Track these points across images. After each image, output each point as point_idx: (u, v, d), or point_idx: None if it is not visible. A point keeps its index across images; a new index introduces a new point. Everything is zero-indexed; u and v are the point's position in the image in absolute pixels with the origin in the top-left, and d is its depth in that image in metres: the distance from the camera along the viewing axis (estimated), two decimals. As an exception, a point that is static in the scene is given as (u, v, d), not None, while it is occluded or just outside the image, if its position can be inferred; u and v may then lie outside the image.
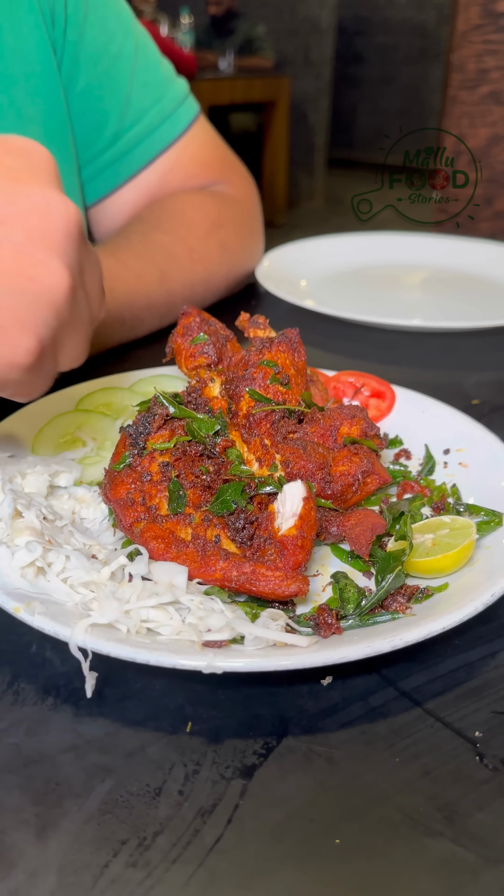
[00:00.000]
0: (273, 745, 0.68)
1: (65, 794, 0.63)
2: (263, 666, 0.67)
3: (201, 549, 0.79)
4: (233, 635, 0.71)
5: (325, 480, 0.87)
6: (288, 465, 0.87)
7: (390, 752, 0.68)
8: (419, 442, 1.08)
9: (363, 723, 0.70)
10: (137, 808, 0.62)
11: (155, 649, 0.68)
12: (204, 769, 0.66)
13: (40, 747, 0.68)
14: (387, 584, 0.76)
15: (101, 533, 0.90)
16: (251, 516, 0.82)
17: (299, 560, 0.76)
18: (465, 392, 1.31)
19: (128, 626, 0.71)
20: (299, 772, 0.66)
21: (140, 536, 0.81)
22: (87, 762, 0.66)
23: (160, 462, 0.87)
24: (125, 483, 0.86)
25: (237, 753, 0.67)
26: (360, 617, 0.76)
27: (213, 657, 0.67)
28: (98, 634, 0.69)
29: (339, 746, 0.68)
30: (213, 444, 0.90)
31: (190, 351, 1.03)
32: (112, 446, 1.04)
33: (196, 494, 0.85)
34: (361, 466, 0.88)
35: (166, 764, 0.66)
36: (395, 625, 0.73)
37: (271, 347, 0.96)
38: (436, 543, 0.82)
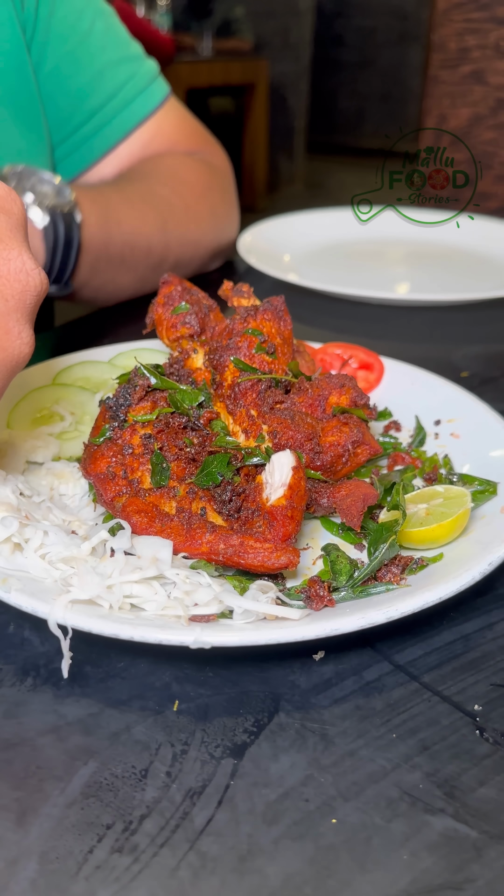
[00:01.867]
0: (264, 723, 0.65)
1: (46, 778, 0.60)
2: (254, 640, 0.64)
3: (186, 523, 0.76)
4: (221, 609, 0.68)
5: (314, 451, 0.84)
6: (275, 436, 0.84)
7: (386, 728, 0.65)
8: (409, 413, 1.05)
9: (358, 698, 0.67)
10: (123, 790, 0.59)
11: (139, 625, 0.65)
12: (192, 749, 0.63)
13: (19, 730, 0.64)
14: (380, 554, 0.73)
15: (81, 509, 0.87)
16: (238, 488, 0.79)
17: (289, 531, 0.73)
18: (455, 365, 1.28)
19: (110, 602, 0.68)
20: (292, 750, 0.63)
21: (122, 511, 0.78)
22: (69, 744, 0.63)
23: (142, 434, 0.84)
24: (105, 457, 0.82)
25: (227, 732, 0.64)
26: (353, 589, 0.73)
27: (200, 632, 0.64)
28: (78, 611, 0.66)
29: (333, 723, 0.65)
30: (198, 416, 0.86)
31: (171, 321, 0.99)
32: (91, 421, 1.01)
33: (180, 467, 0.82)
34: (351, 436, 0.85)
35: (153, 744, 0.63)
36: (390, 596, 0.70)
37: (256, 315, 0.92)
38: (430, 513, 0.80)
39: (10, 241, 0.69)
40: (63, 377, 1.11)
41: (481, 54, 4.12)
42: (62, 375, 1.11)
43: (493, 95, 4.16)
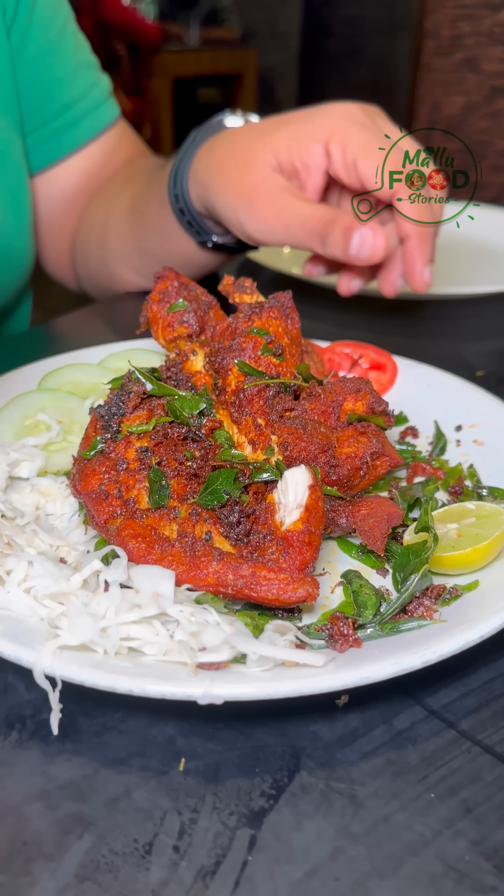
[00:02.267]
0: (284, 784, 0.57)
1: (34, 857, 0.52)
2: (273, 692, 0.55)
3: (190, 549, 0.67)
4: (233, 655, 0.60)
5: (329, 464, 0.75)
6: (286, 448, 0.75)
7: (423, 787, 0.57)
8: (426, 418, 0.97)
9: (389, 751, 0.59)
10: (124, 871, 0.51)
11: (139, 675, 0.56)
12: (203, 817, 0.54)
13: (2, 797, 0.56)
14: (412, 585, 0.65)
15: (71, 531, 0.78)
16: (247, 508, 0.70)
17: (307, 559, 0.65)
18: (468, 363, 1.20)
19: (105, 647, 0.59)
20: (318, 816, 0.55)
21: (117, 535, 0.69)
22: (61, 813, 0.55)
23: (138, 447, 0.76)
24: (97, 473, 0.74)
25: (241, 796, 0.56)
26: (382, 626, 0.65)
27: (210, 683, 0.55)
28: (69, 659, 0.57)
29: (362, 782, 0.57)
30: (199, 426, 0.78)
31: (167, 320, 0.91)
32: (80, 430, 0.92)
33: (181, 484, 0.73)
34: (370, 447, 0.77)
35: (157, 812, 0.55)
36: (424, 634, 0.62)
37: (261, 313, 0.84)
38: (462, 534, 0.72)
39: None
40: (49, 381, 1.02)
41: (475, 41, 4.03)
42: (48, 379, 1.02)
43: (488, 83, 4.07)
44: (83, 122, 1.44)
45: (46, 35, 1.36)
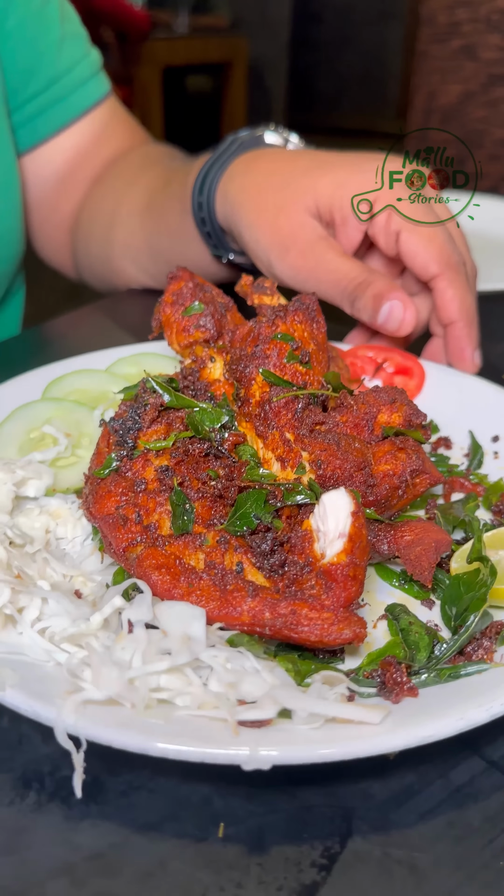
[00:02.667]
0: (336, 852, 0.51)
1: None
2: (327, 756, 0.50)
3: (220, 583, 0.61)
4: (278, 710, 0.53)
5: (366, 484, 0.69)
6: (319, 466, 0.69)
7: (490, 853, 0.51)
8: (459, 427, 0.91)
9: (449, 810, 0.54)
10: None
11: (174, 735, 0.50)
12: (247, 893, 0.49)
13: (21, 872, 0.50)
14: (471, 626, 0.60)
15: (85, 558, 0.72)
16: (280, 536, 0.64)
17: (352, 595, 0.59)
18: (493, 364, 1.14)
19: (133, 701, 0.53)
20: (376, 891, 0.49)
21: (138, 566, 0.63)
22: (88, 891, 0.49)
23: (157, 466, 0.69)
24: (113, 494, 0.68)
25: (290, 867, 0.50)
26: (439, 672, 0.58)
27: (255, 745, 0.49)
28: (94, 717, 0.51)
29: (422, 848, 0.51)
30: (221, 441, 0.71)
31: (182, 324, 0.85)
32: (91, 444, 0.85)
33: (205, 507, 0.67)
34: (410, 464, 0.71)
35: (196, 888, 0.49)
36: (486, 681, 0.56)
37: (286, 317, 0.78)
38: None
39: None
40: (53, 390, 0.95)
41: (472, 28, 3.96)
42: (52, 388, 0.95)
43: (485, 71, 4.01)
44: (71, 98, 1.38)
45: (29, 6, 1.30)
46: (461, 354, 0.99)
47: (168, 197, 1.24)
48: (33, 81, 1.32)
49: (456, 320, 0.98)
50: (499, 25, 3.91)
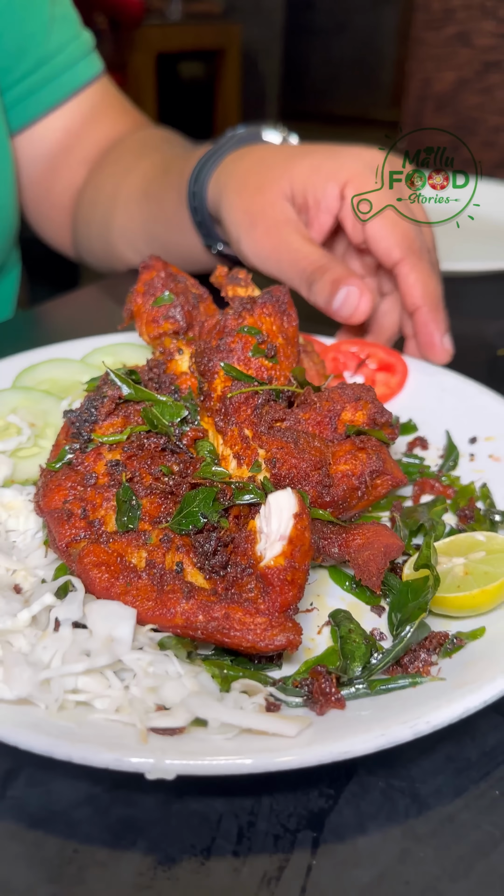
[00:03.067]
0: (342, 783, 0.54)
1: (87, 865, 0.49)
2: (232, 769, 0.49)
3: (158, 582, 0.60)
4: (190, 719, 0.52)
5: (322, 484, 0.67)
6: (274, 465, 0.68)
7: (487, 783, 0.55)
8: (438, 427, 0.89)
9: (447, 746, 0.57)
10: (183, 878, 0.49)
11: (80, 741, 0.49)
12: (261, 820, 0.52)
13: (48, 801, 0.53)
14: (406, 637, 0.58)
15: (32, 551, 0.70)
16: (225, 536, 0.62)
17: (288, 600, 0.57)
18: (489, 342, 1.17)
19: (46, 703, 0.53)
20: (381, 816, 0.52)
21: (78, 562, 0.62)
22: (111, 818, 0.52)
23: (108, 460, 0.68)
24: (62, 488, 0.66)
25: (299, 796, 0.53)
26: (370, 683, 0.57)
27: (162, 753, 0.49)
28: (3, 716, 0.51)
29: (423, 779, 0.55)
30: (180, 435, 0.70)
31: (152, 314, 0.83)
32: (55, 434, 0.83)
33: (154, 504, 0.65)
34: (369, 465, 0.69)
35: (212, 816, 0.52)
36: (418, 695, 0.55)
37: (253, 310, 0.76)
38: (469, 572, 0.65)
39: None
40: (25, 378, 0.93)
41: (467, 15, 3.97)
42: (24, 376, 0.93)
43: (480, 58, 4.02)
44: (61, 78, 1.39)
45: None
46: (430, 340, 0.97)
47: (165, 186, 1.25)
48: (23, 62, 1.34)
49: (420, 305, 0.97)
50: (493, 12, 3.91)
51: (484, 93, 4.13)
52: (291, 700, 0.56)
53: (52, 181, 1.47)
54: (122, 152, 1.41)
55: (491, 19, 3.97)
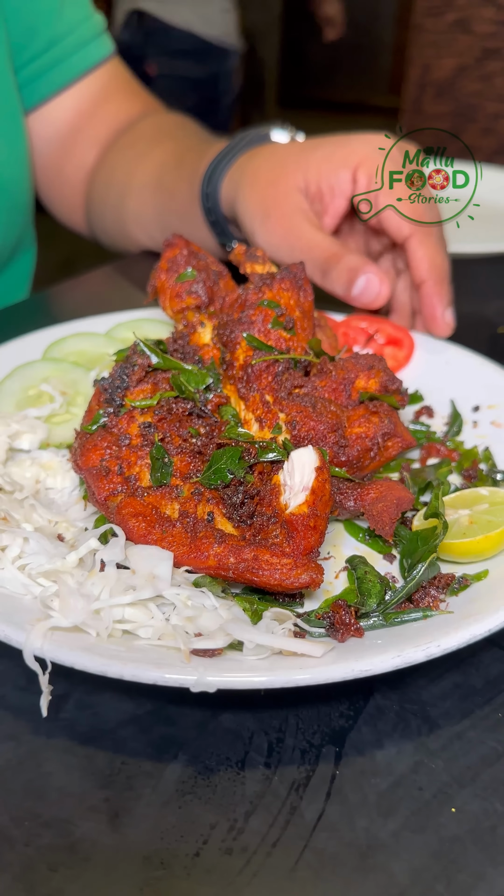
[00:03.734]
0: (361, 706, 0.60)
1: (134, 775, 0.55)
2: (267, 683, 0.55)
3: (191, 530, 0.65)
4: (228, 642, 0.58)
5: (338, 445, 0.73)
6: (294, 427, 0.73)
7: (491, 707, 0.61)
8: (443, 397, 0.94)
9: (455, 676, 0.63)
10: (221, 785, 0.54)
11: (130, 660, 0.55)
12: (289, 736, 0.58)
13: (95, 721, 0.59)
14: (418, 575, 0.64)
15: (70, 506, 0.76)
16: (251, 489, 0.68)
17: (311, 543, 0.63)
18: (489, 320, 1.22)
19: (97, 630, 0.58)
20: (395, 734, 0.58)
21: (117, 513, 0.67)
22: (154, 735, 0.58)
23: (141, 423, 0.73)
24: (99, 448, 0.72)
25: (322, 717, 0.59)
26: (385, 615, 0.63)
27: (204, 671, 0.54)
28: (60, 641, 0.56)
29: (433, 703, 0.61)
30: (205, 401, 0.76)
31: (175, 290, 0.88)
32: (85, 402, 0.89)
33: (184, 462, 0.71)
34: (381, 428, 0.75)
35: (244, 733, 0.58)
36: (428, 625, 0.61)
37: (272, 285, 0.81)
38: (473, 521, 0.70)
39: None
40: (53, 351, 0.99)
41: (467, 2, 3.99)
42: (53, 349, 0.99)
43: (479, 45, 4.04)
44: (72, 58, 1.42)
45: None
46: (432, 313, 1.02)
47: (179, 178, 1.29)
48: (34, 42, 1.37)
49: (426, 279, 1.01)
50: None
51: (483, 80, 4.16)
52: (315, 630, 0.62)
53: (64, 161, 1.51)
54: (137, 137, 1.44)
55: (491, 6, 3.99)
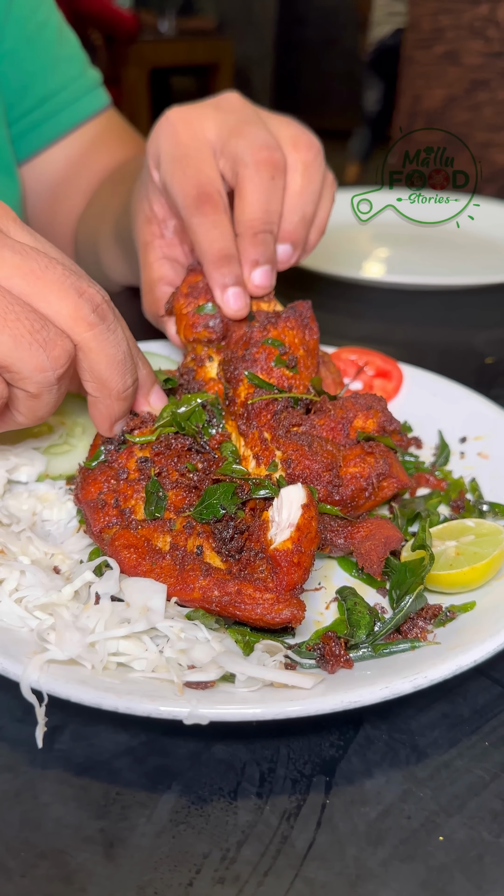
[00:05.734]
0: (350, 736, 0.62)
1: (129, 805, 0.56)
2: (259, 715, 0.56)
3: (179, 563, 0.66)
4: (221, 674, 0.59)
5: (332, 484, 0.74)
6: (289, 465, 0.74)
7: (478, 736, 0.62)
8: (431, 428, 0.95)
9: (442, 706, 0.64)
10: (214, 815, 0.56)
11: (125, 693, 0.56)
12: (280, 767, 0.59)
13: (91, 752, 0.60)
14: (405, 606, 0.65)
15: (66, 538, 0.77)
16: (241, 524, 0.69)
17: (294, 580, 0.63)
18: (477, 350, 1.25)
19: (92, 663, 0.59)
20: (384, 764, 0.60)
21: (110, 545, 0.69)
22: (148, 766, 0.59)
23: (139, 457, 0.75)
24: (98, 482, 0.74)
25: (313, 747, 0.61)
26: (374, 646, 0.64)
27: (196, 703, 0.56)
28: (56, 674, 0.57)
29: (421, 733, 0.62)
30: (204, 437, 0.77)
31: (193, 320, 0.87)
32: (83, 433, 0.90)
33: (179, 496, 0.72)
34: (376, 468, 0.75)
35: (237, 764, 0.59)
36: (416, 657, 0.62)
37: (277, 323, 0.82)
38: (460, 552, 0.71)
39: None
40: None
41: (455, 34, 4.07)
42: None
43: (468, 76, 4.12)
44: (64, 113, 1.44)
45: (24, 29, 1.38)
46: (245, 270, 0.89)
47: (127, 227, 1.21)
48: (28, 97, 1.40)
49: (238, 233, 0.88)
50: (481, 31, 4.02)
51: (472, 109, 4.23)
52: (305, 662, 0.63)
53: (55, 210, 1.53)
54: (103, 189, 1.45)
55: (479, 39, 4.07)
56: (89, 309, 0.66)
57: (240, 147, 0.88)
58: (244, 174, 0.87)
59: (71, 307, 0.65)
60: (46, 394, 0.66)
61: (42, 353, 0.62)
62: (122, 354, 0.69)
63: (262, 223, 0.87)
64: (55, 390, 0.66)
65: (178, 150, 0.90)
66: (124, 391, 0.71)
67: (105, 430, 0.76)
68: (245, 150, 0.87)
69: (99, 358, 0.68)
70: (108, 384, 0.70)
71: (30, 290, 0.64)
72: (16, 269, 0.63)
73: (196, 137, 0.91)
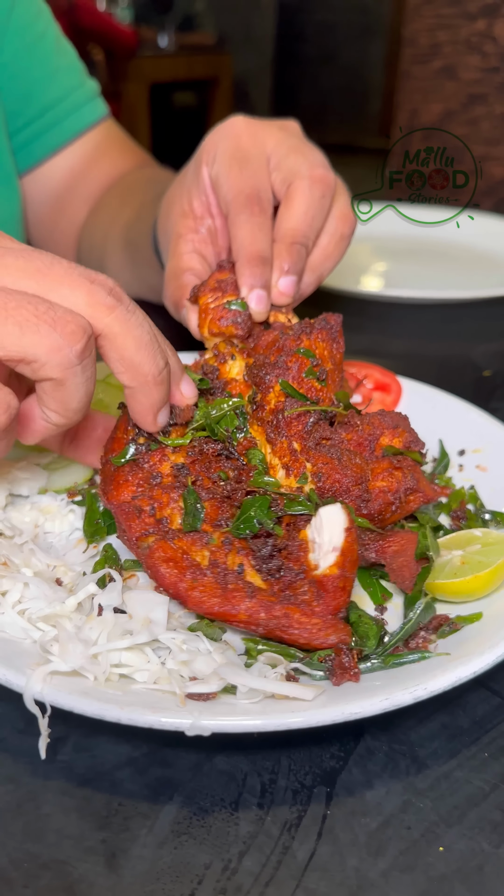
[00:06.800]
0: (351, 747, 0.62)
1: (131, 816, 0.56)
2: (260, 726, 0.56)
3: (222, 581, 0.65)
4: (222, 686, 0.59)
5: (361, 498, 0.73)
6: (320, 478, 0.73)
7: (477, 747, 0.62)
8: (430, 441, 0.93)
9: (442, 717, 0.65)
10: (215, 826, 0.56)
11: (128, 704, 0.56)
12: (281, 778, 0.59)
13: (93, 763, 0.60)
14: (415, 616, 0.65)
15: (69, 550, 0.77)
16: (279, 543, 0.68)
17: (339, 604, 0.63)
18: (475, 363, 1.26)
19: (95, 674, 0.59)
20: (385, 775, 0.60)
21: (149, 556, 0.66)
22: (150, 777, 0.59)
23: (174, 463, 0.73)
24: (130, 484, 0.71)
25: (314, 758, 0.61)
26: (384, 658, 0.64)
27: (198, 714, 0.56)
28: (59, 685, 0.58)
29: (421, 744, 0.62)
30: (233, 443, 0.76)
31: (219, 313, 0.85)
32: None
33: (213, 507, 0.70)
34: (405, 483, 0.74)
35: (238, 775, 0.60)
36: (416, 668, 0.62)
37: (310, 334, 0.81)
38: (465, 562, 0.71)
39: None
40: None
41: (452, 49, 4.11)
42: None
43: (465, 91, 4.15)
44: (65, 122, 1.46)
45: (23, 40, 1.39)
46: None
47: (140, 232, 1.27)
48: (28, 108, 1.40)
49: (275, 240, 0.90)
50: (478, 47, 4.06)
51: (470, 124, 4.26)
52: (315, 673, 0.62)
53: (58, 219, 1.54)
54: (111, 198, 1.46)
55: (476, 54, 4.11)
56: (105, 292, 0.63)
57: (298, 162, 0.92)
58: (298, 185, 0.90)
59: (85, 294, 0.62)
60: (71, 377, 0.62)
61: (53, 332, 0.59)
62: (147, 335, 0.66)
63: (303, 235, 0.89)
64: (80, 372, 0.62)
65: (238, 152, 0.94)
66: (159, 374, 0.67)
67: (149, 423, 0.71)
68: (303, 165, 0.92)
69: (126, 342, 0.64)
70: (141, 368, 0.66)
71: (40, 287, 0.62)
72: (21, 271, 0.62)
73: (257, 145, 0.95)
